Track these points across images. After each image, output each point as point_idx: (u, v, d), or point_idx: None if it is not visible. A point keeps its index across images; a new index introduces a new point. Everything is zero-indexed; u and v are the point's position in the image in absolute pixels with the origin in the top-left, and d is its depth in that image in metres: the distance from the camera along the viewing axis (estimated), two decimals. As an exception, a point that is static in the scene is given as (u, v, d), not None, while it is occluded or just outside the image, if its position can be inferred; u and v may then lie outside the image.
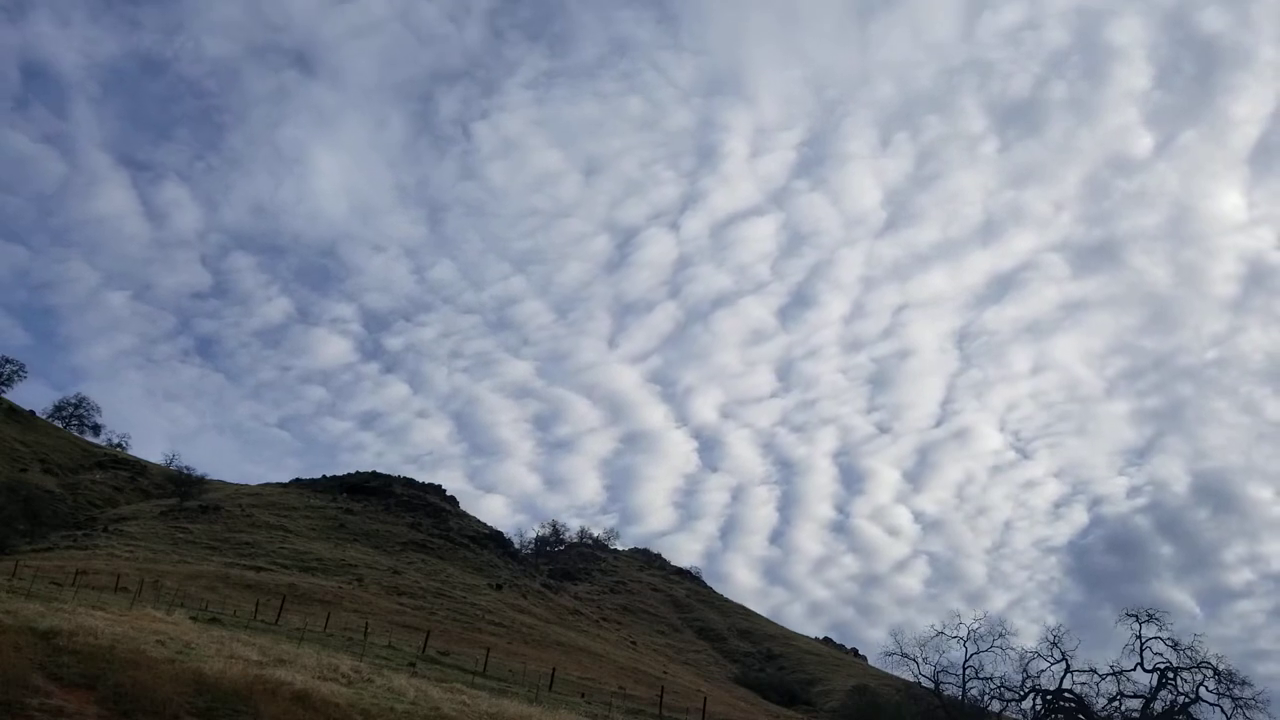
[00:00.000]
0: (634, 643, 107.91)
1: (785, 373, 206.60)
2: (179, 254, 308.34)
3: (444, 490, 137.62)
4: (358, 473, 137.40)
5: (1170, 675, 49.67)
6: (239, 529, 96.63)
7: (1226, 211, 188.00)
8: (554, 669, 52.12)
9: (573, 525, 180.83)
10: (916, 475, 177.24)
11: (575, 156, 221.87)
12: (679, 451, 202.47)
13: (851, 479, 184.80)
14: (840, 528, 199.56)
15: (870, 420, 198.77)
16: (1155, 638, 50.61)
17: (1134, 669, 50.88)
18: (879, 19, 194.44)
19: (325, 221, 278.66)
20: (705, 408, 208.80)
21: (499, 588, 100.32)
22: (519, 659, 58.66)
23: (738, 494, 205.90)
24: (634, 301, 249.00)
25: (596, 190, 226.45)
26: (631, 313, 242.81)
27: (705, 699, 56.58)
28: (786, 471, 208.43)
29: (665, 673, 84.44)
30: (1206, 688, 48.01)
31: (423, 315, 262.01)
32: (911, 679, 60.29)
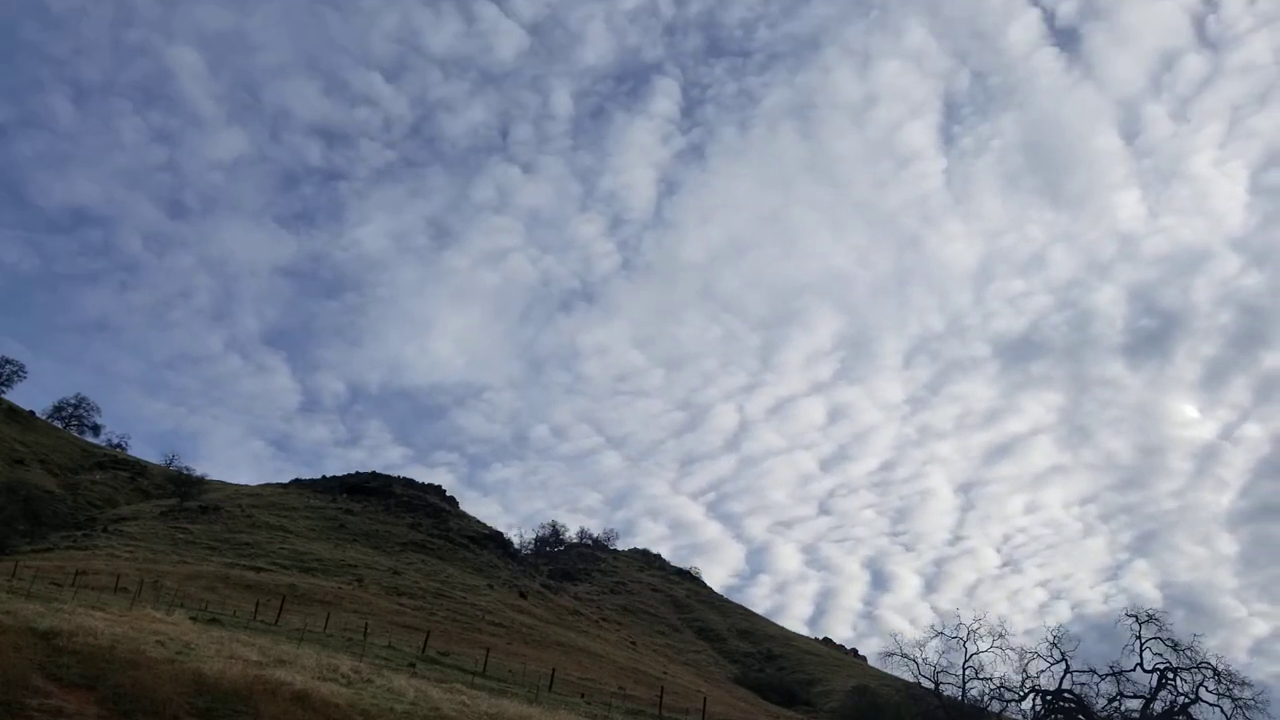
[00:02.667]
0: (634, 643, 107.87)
1: (826, 506, 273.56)
2: (317, 415, 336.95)
3: (444, 490, 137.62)
4: (357, 473, 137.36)
5: (1170, 675, 49.68)
6: (239, 529, 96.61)
7: (1182, 411, 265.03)
8: (554, 669, 52.11)
9: (572, 526, 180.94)
10: (934, 580, 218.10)
11: (656, 357, 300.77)
12: (732, 556, 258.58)
13: (879, 581, 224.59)
14: (868, 616, 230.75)
15: (896, 541, 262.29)
16: (1155, 638, 50.62)
17: (1134, 669, 50.88)
18: (913, 285, 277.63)
19: (440, 374, 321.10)
20: (755, 526, 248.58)
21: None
22: (519, 659, 58.66)
23: (781, 588, 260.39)
24: (699, 455, 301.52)
25: (674, 381, 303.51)
26: (695, 461, 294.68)
27: (705, 699, 56.56)
28: (824, 573, 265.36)
29: (665, 673, 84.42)
30: (1206, 688, 48.01)
31: (515, 461, 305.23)
32: (911, 679, 60.29)
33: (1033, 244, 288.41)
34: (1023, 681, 53.01)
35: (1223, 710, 47.07)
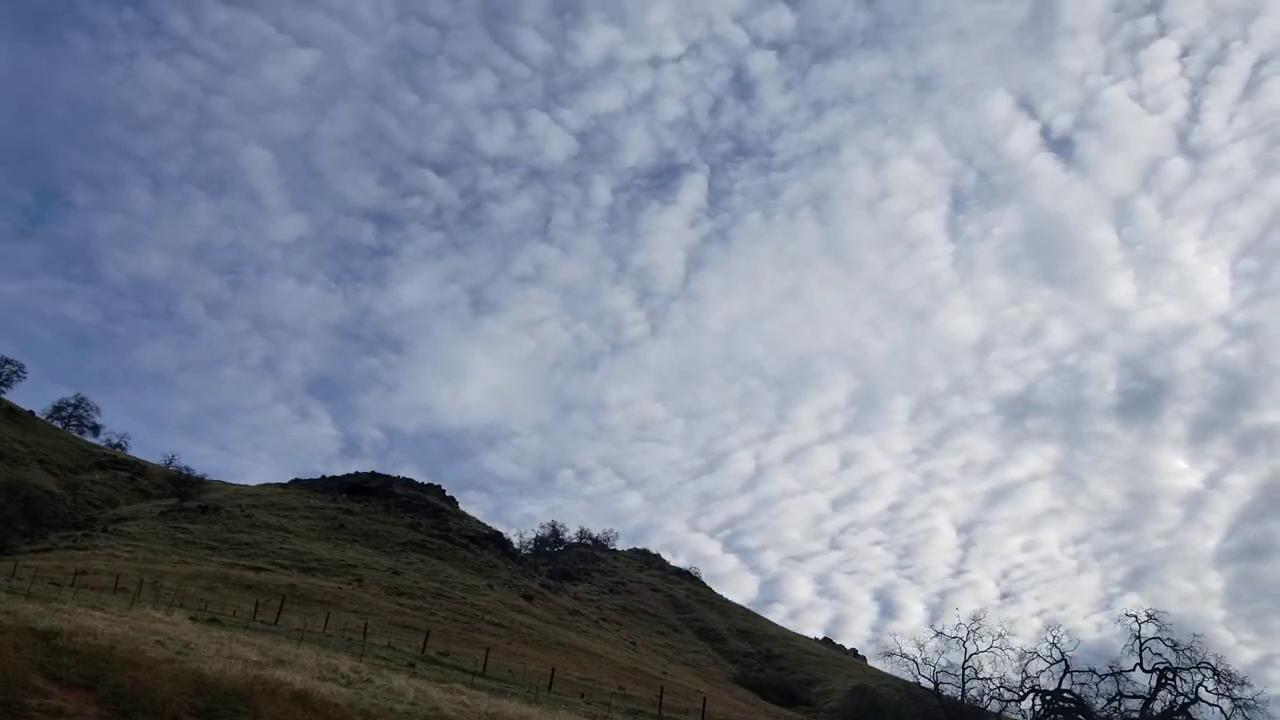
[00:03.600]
0: (634, 643, 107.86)
1: (837, 542, 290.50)
2: (354, 458, 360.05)
3: (443, 490, 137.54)
4: (357, 473, 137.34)
5: (1170, 675, 49.66)
6: (238, 529, 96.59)
7: (1171, 463, 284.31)
8: (553, 669, 52.10)
9: (572, 526, 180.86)
10: (938, 609, 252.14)
11: (677, 410, 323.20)
12: (746, 585, 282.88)
13: (887, 609, 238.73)
14: (876, 641, 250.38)
15: (903, 575, 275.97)
16: (1155, 638, 50.61)
17: (1133, 669, 50.86)
18: (920, 352, 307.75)
19: (471, 418, 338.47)
20: (769, 559, 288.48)
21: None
22: (518, 659, 58.66)
23: (794, 614, 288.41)
24: (717, 495, 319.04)
25: (694, 431, 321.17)
26: (713, 501, 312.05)
27: (705, 699, 56.54)
28: (835, 602, 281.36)
29: (665, 673, 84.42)
30: (1206, 688, 47.99)
31: (540, 500, 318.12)
32: (911, 679, 60.27)
33: (1032, 318, 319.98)
34: (1022, 681, 53.00)
35: (1222, 710, 47.06)
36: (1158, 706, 49.35)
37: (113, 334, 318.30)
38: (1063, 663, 52.52)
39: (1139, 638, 50.86)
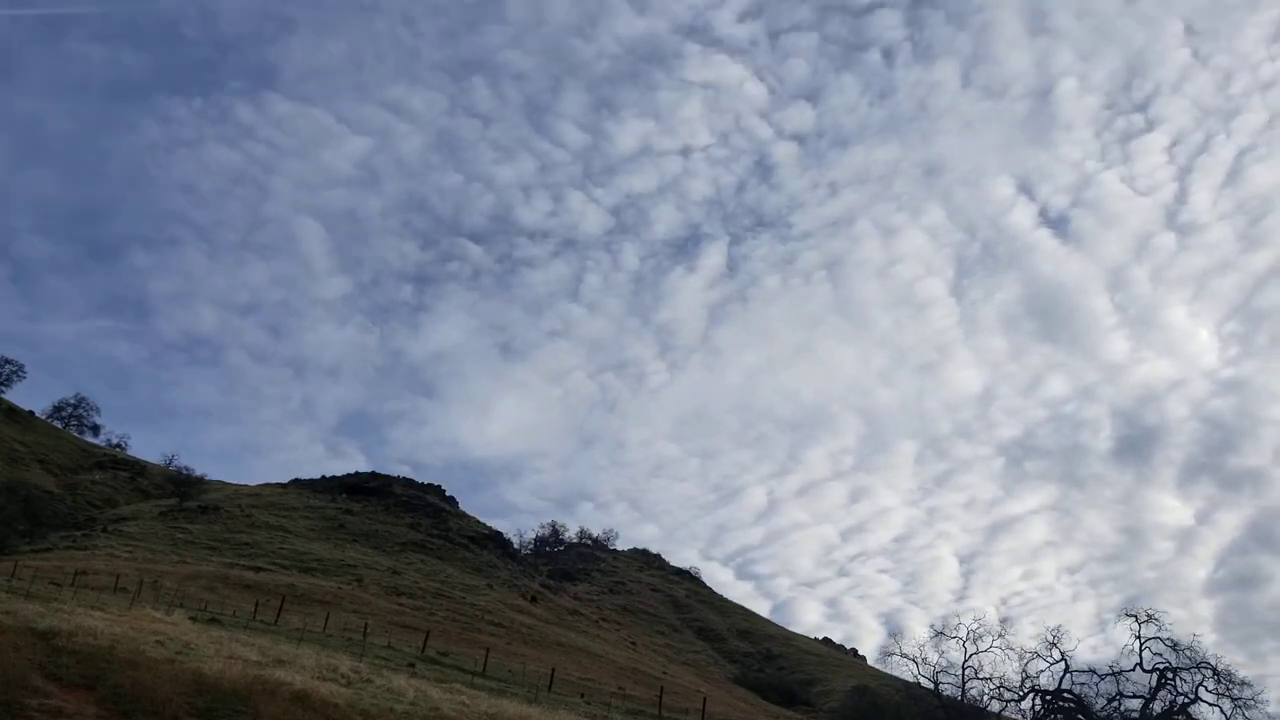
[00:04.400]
0: (633, 643, 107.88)
1: (846, 570, 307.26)
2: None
3: (443, 490, 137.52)
4: (357, 473, 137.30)
5: (1169, 675, 49.68)
6: (238, 529, 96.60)
7: (1162, 501, 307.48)
8: (553, 669, 52.10)
9: (572, 526, 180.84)
10: (941, 631, 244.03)
11: (693, 450, 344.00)
12: (759, 609, 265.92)
13: (893, 631, 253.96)
14: (883, 661, 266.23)
15: (908, 600, 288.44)
16: (1154, 638, 50.62)
17: (1133, 669, 50.88)
18: (927, 401, 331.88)
19: (495, 450, 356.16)
20: (780, 585, 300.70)
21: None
22: (518, 659, 58.66)
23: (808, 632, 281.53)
24: (730, 527, 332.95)
25: (709, 469, 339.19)
26: (727, 532, 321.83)
27: (705, 699, 56.54)
28: (845, 625, 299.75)
29: (665, 673, 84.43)
30: (1206, 688, 48.02)
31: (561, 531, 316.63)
32: (911, 679, 60.29)
33: (1031, 371, 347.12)
34: (1022, 681, 53.02)
35: (1222, 710, 47.09)
36: (1158, 706, 49.35)
37: (158, 375, 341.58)
38: (1063, 663, 52.55)
39: (1139, 638, 50.89)
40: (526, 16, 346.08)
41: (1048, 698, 52.61)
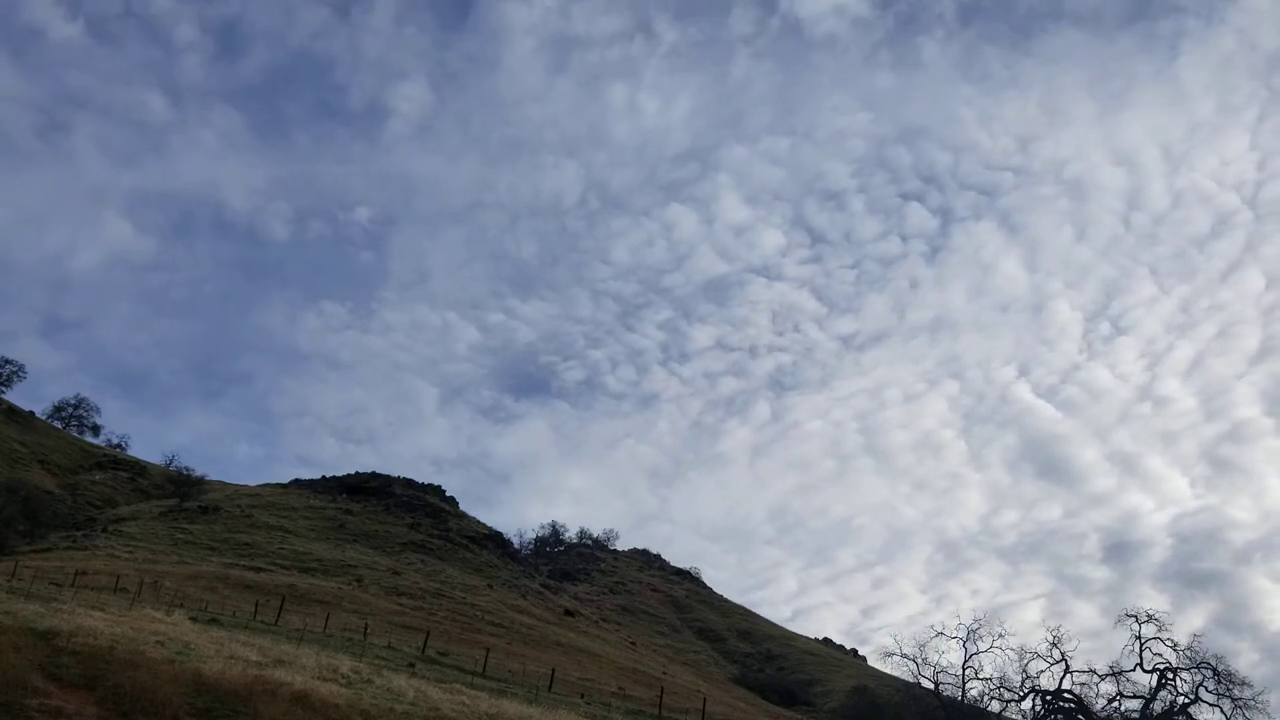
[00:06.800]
0: (633, 643, 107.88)
1: (865, 640, 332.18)
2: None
3: (444, 491, 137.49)
4: (357, 473, 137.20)
5: (1170, 676, 49.71)
6: (238, 530, 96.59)
7: (1140, 590, 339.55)
8: (553, 669, 52.10)
9: (572, 526, 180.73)
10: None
11: (729, 548, 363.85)
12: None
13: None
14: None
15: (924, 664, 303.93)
16: (1155, 638, 50.66)
17: (1133, 669, 50.95)
18: (940, 519, 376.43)
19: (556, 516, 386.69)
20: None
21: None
22: (518, 659, 58.65)
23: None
24: (759, 603, 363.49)
25: (744, 562, 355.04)
26: (757, 607, 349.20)
27: (705, 699, 56.54)
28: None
29: (665, 673, 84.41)
30: (1206, 688, 48.07)
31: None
32: (911, 679, 60.28)
33: (1028, 498, 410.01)
34: (1023, 681, 53.07)
35: (1222, 710, 47.12)
36: (1158, 706, 49.37)
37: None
38: (1063, 663, 52.56)
39: (1139, 638, 50.89)
40: (629, 260, 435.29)
41: (1048, 698, 52.63)
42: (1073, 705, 52.05)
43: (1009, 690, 53.12)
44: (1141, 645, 50.76)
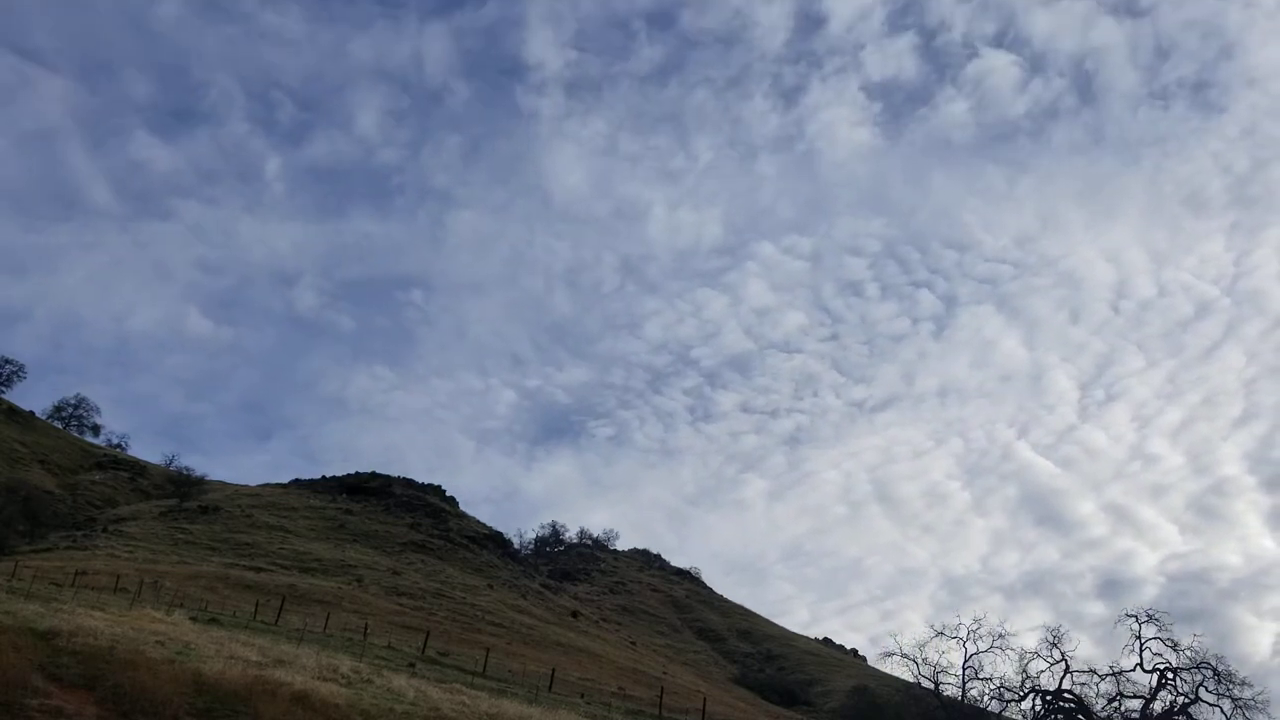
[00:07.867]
0: (634, 643, 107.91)
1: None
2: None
3: (443, 491, 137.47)
4: (357, 473, 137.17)
5: (1170, 675, 49.65)
6: (238, 529, 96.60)
7: (1129, 625, 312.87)
8: (553, 669, 52.12)
9: (572, 526, 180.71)
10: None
11: (744, 581, 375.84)
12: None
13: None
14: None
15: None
16: (1155, 638, 50.61)
17: (1133, 669, 50.87)
18: (945, 560, 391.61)
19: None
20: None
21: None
22: (518, 659, 58.67)
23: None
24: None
25: (758, 595, 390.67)
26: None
27: (705, 699, 56.55)
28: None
29: (665, 673, 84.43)
30: (1206, 688, 47.99)
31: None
32: (911, 679, 60.27)
33: (1027, 542, 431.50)
34: (1023, 682, 53.01)
35: (1222, 710, 47.06)
36: (1158, 707, 49.33)
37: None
38: (1063, 663, 52.51)
39: (1139, 638, 50.87)
40: (662, 336, 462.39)
41: (1048, 698, 52.59)
42: (1073, 705, 52.03)
43: (1009, 690, 53.09)
44: (1141, 645, 50.72)
